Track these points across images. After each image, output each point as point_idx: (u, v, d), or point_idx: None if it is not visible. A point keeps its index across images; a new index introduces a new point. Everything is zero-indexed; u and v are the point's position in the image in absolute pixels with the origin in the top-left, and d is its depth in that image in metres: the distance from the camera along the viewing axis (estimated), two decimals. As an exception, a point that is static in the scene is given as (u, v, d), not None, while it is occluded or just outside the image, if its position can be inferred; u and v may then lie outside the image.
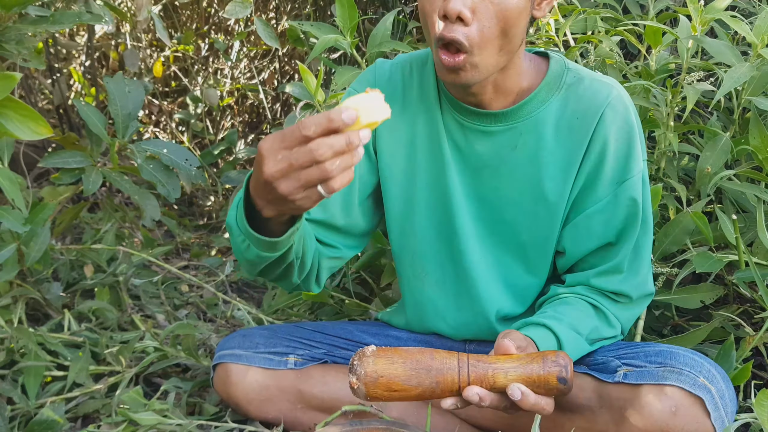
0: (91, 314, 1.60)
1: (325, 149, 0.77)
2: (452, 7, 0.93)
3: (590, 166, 1.06)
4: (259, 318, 1.56)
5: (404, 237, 1.18)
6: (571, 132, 1.06)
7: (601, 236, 1.09)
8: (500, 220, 1.12)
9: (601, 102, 1.05)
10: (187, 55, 3.25)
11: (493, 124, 1.08)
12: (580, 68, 1.09)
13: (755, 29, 1.35)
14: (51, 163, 1.52)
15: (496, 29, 0.96)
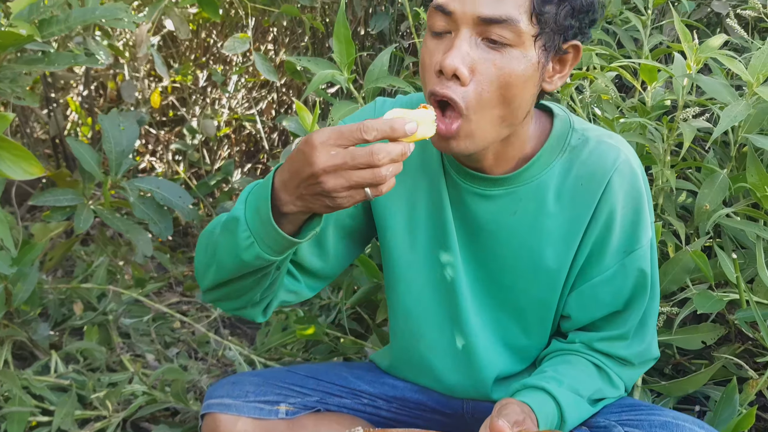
0: (79, 355, 1.57)
1: (383, 155, 0.78)
2: (449, 62, 0.86)
3: (596, 235, 1.01)
4: (251, 359, 1.53)
5: (400, 295, 1.13)
6: (574, 198, 1.00)
7: (608, 305, 1.05)
8: (498, 284, 1.07)
9: (608, 167, 0.99)
10: (185, 85, 3.25)
11: (492, 188, 1.02)
12: (585, 127, 1.03)
13: (750, 68, 1.34)
14: (42, 201, 1.50)
15: (496, 95, 0.89)
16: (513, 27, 0.86)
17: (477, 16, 0.87)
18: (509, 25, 0.86)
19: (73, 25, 1.22)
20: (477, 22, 0.87)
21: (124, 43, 3.07)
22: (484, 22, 0.87)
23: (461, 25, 0.88)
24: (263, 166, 3.22)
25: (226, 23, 3.12)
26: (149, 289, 1.72)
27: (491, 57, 0.88)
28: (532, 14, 0.87)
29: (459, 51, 0.87)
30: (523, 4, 0.87)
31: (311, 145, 0.80)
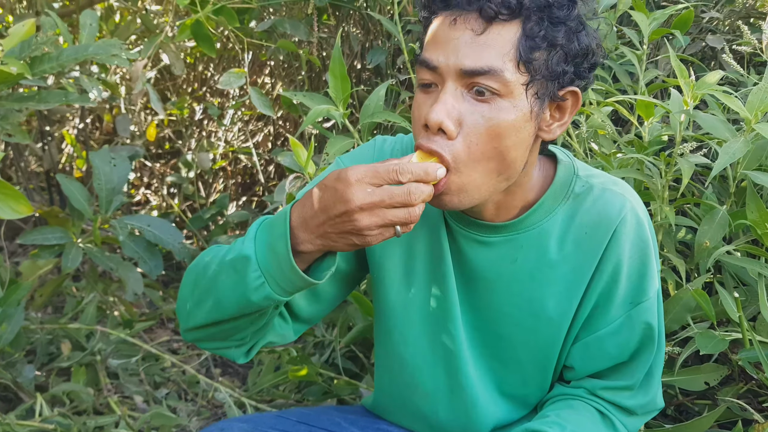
0: (65, 397, 1.53)
1: (418, 194, 0.80)
2: (434, 117, 0.83)
3: (603, 287, 0.97)
4: (242, 401, 1.49)
5: (395, 344, 1.09)
6: (578, 247, 0.96)
7: (614, 357, 1.01)
8: (496, 334, 1.03)
9: (613, 217, 0.95)
10: (182, 118, 3.25)
11: (492, 234, 0.98)
12: (590, 173, 0.99)
13: (748, 105, 1.33)
14: (30, 239, 1.48)
15: (488, 148, 0.85)
16: (498, 77, 0.83)
17: (460, 69, 0.84)
18: (494, 76, 0.83)
19: (65, 62, 1.21)
20: (461, 74, 0.84)
21: (120, 76, 3.08)
22: (467, 74, 0.84)
23: (446, 78, 0.85)
24: (258, 199, 3.20)
25: (224, 56, 3.13)
26: (138, 329, 1.68)
27: (479, 109, 0.85)
28: (519, 62, 0.83)
29: (444, 104, 0.84)
30: (509, 53, 0.83)
31: (346, 182, 0.79)
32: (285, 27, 2.16)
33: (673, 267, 1.50)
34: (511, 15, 0.83)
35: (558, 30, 0.84)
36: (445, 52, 0.85)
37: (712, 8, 2.33)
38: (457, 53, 0.84)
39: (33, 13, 2.65)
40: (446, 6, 0.86)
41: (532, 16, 0.83)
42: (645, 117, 1.53)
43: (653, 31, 1.72)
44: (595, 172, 1.00)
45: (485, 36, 0.83)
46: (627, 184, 1.01)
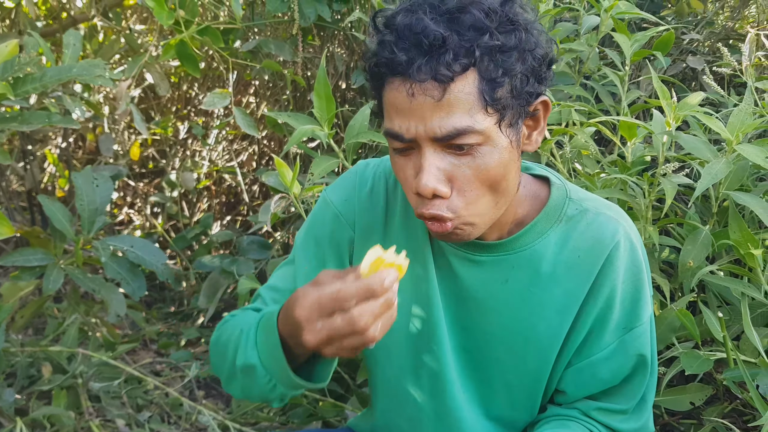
0: (46, 421, 1.50)
1: (366, 317, 0.76)
2: (424, 187, 0.83)
3: (597, 312, 0.96)
4: (225, 424, 1.47)
5: (379, 363, 1.08)
6: (570, 270, 0.95)
7: (606, 382, 1.00)
8: (485, 355, 1.02)
9: (607, 241, 0.94)
10: (166, 137, 3.24)
11: (483, 253, 0.97)
12: (583, 197, 0.98)
13: (729, 126, 1.35)
14: (11, 261, 1.46)
15: (482, 189, 0.86)
16: (472, 133, 0.82)
17: (432, 137, 0.83)
18: (467, 134, 0.82)
19: (48, 83, 1.20)
20: (435, 140, 0.83)
21: (104, 95, 3.06)
22: (441, 139, 0.83)
23: (422, 143, 0.84)
24: (243, 219, 3.18)
25: (208, 76, 3.13)
26: (121, 351, 1.66)
27: (463, 162, 0.84)
28: (486, 107, 0.82)
29: (430, 172, 0.83)
30: (474, 105, 0.82)
31: (297, 321, 0.79)
32: (270, 47, 2.17)
33: (657, 287, 1.50)
34: (465, 69, 0.81)
35: (512, 58, 0.82)
36: (413, 122, 0.83)
37: (692, 30, 2.37)
38: (425, 122, 0.82)
39: (16, 32, 2.63)
40: (398, 74, 0.82)
41: (485, 59, 0.81)
42: (628, 137, 1.55)
43: (635, 52, 1.74)
44: (587, 195, 1.00)
45: (446, 98, 0.81)
46: (620, 208, 1.01)
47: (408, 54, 0.79)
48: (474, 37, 0.79)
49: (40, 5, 2.91)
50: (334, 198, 1.05)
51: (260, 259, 2.25)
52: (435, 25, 0.79)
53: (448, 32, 0.79)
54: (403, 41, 0.80)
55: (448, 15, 0.80)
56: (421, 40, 0.78)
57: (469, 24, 0.79)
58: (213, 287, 2.17)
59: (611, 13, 1.77)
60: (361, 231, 1.02)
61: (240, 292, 1.80)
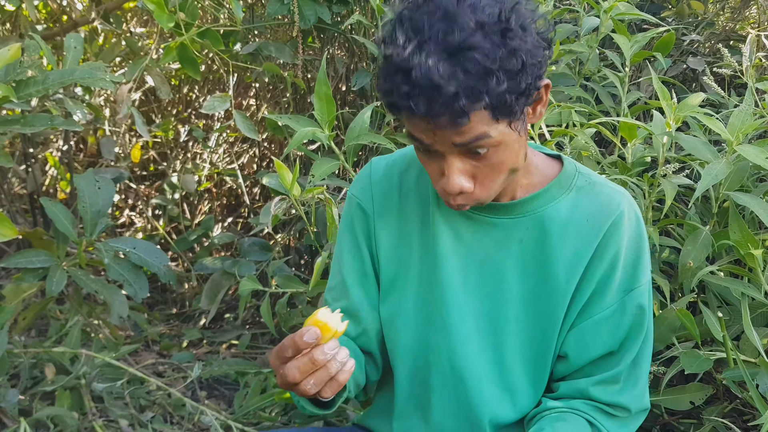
0: (49, 421, 1.50)
1: (293, 372, 0.85)
2: (452, 189, 0.93)
3: (601, 273, 1.03)
4: (228, 424, 1.48)
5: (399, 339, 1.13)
6: (578, 232, 1.03)
7: (606, 344, 1.05)
8: (501, 318, 1.07)
9: (613, 208, 1.03)
10: (167, 139, 3.24)
11: (500, 215, 1.05)
12: (591, 173, 1.08)
13: (729, 127, 1.35)
14: (14, 263, 1.46)
15: (500, 175, 0.96)
16: (488, 139, 0.90)
17: (452, 144, 0.90)
18: (484, 140, 0.90)
19: (50, 86, 1.21)
20: (455, 147, 0.91)
21: (104, 98, 3.07)
22: (461, 145, 0.90)
23: (443, 151, 0.92)
24: (244, 221, 3.19)
25: (209, 78, 3.13)
26: (123, 352, 1.67)
27: (482, 162, 0.93)
28: (498, 119, 0.88)
29: (454, 176, 0.93)
30: (488, 122, 0.88)
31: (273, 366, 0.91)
32: (270, 50, 2.17)
33: (657, 287, 1.51)
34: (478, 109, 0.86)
35: (517, 79, 0.87)
36: (432, 140, 0.91)
37: (692, 31, 2.38)
38: (445, 140, 0.90)
39: (17, 35, 2.64)
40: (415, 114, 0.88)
41: (494, 99, 0.86)
42: (628, 138, 1.55)
43: (635, 53, 1.75)
44: (595, 173, 1.09)
45: (464, 128, 0.88)
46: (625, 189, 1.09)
47: (426, 106, 0.85)
48: (481, 80, 0.84)
49: (41, 8, 2.92)
50: (354, 190, 1.14)
51: (261, 261, 2.25)
52: (444, 70, 0.84)
53: (458, 76, 0.84)
54: (419, 93, 0.85)
55: (455, 54, 0.84)
56: (437, 96, 0.84)
57: (474, 65, 0.84)
58: (214, 289, 2.18)
59: (611, 14, 1.77)
60: (379, 212, 1.11)
61: (241, 293, 1.81)
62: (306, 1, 2.07)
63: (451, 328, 1.07)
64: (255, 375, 1.88)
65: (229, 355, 2.27)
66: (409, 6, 0.88)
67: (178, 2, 1.87)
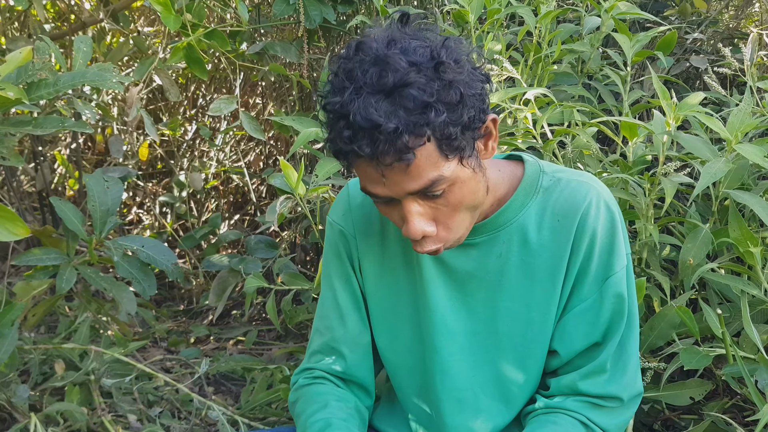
0: (59, 417, 1.54)
1: None
2: (414, 234, 0.93)
3: (579, 266, 1.04)
4: (235, 419, 1.51)
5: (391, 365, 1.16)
6: (553, 234, 1.04)
7: (588, 335, 1.06)
8: (494, 333, 1.08)
9: (580, 201, 1.03)
10: (174, 138, 3.27)
11: (474, 236, 1.06)
12: (555, 169, 1.08)
13: (729, 126, 1.36)
14: (25, 261, 1.49)
15: (462, 214, 0.96)
16: (441, 181, 0.91)
17: (407, 192, 0.91)
18: (438, 183, 0.91)
19: (61, 89, 1.23)
20: (410, 194, 0.92)
21: (113, 97, 3.10)
22: (416, 193, 0.91)
23: (401, 198, 0.93)
24: (251, 218, 3.21)
25: (215, 77, 3.16)
26: (132, 349, 1.69)
27: (440, 203, 0.94)
28: (447, 156, 0.90)
29: (415, 221, 0.93)
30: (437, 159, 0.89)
31: None
32: (276, 49, 2.19)
33: (657, 284, 1.53)
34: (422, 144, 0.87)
35: (458, 112, 0.88)
36: (385, 188, 0.91)
37: (696, 29, 2.39)
38: (399, 186, 0.90)
39: (26, 35, 2.67)
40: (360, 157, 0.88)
41: (436, 131, 0.87)
42: (629, 137, 1.56)
43: (636, 52, 1.76)
44: (560, 168, 1.08)
45: (413, 166, 0.88)
46: (592, 175, 1.09)
47: (369, 146, 0.86)
48: (421, 114, 0.86)
49: (49, 8, 2.95)
50: (334, 217, 1.15)
51: (268, 258, 2.28)
52: (383, 110, 0.85)
53: (397, 114, 0.85)
54: (361, 135, 0.86)
55: (391, 93, 0.86)
56: (378, 135, 0.85)
57: (412, 101, 0.85)
58: (221, 286, 2.20)
59: (612, 13, 1.78)
60: (361, 237, 1.12)
61: (247, 290, 1.83)
62: (311, 2, 2.09)
63: (442, 350, 1.09)
64: (261, 371, 1.91)
65: (235, 351, 2.30)
66: (343, 60, 0.90)
67: (185, 3, 1.89)
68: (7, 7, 2.63)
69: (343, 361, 1.14)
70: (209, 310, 2.65)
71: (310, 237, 2.40)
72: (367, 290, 1.13)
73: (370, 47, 0.88)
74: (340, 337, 1.13)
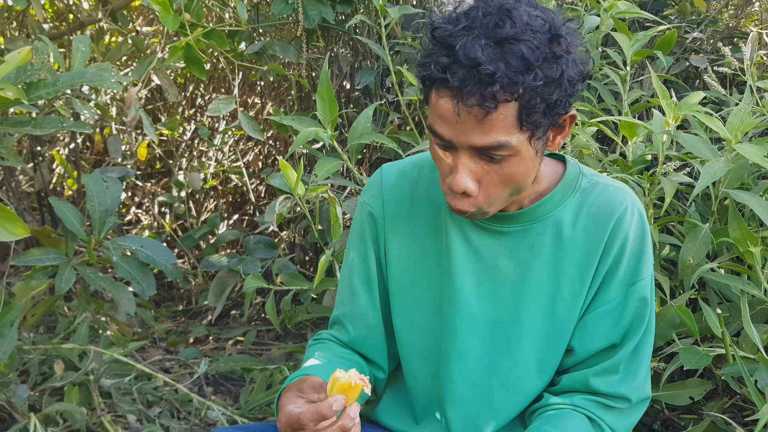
0: (59, 417, 1.53)
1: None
2: (457, 186, 0.95)
3: (606, 268, 1.06)
4: (234, 419, 1.50)
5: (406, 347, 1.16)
6: (587, 234, 1.06)
7: (608, 336, 1.07)
8: (517, 322, 1.09)
9: (616, 206, 1.06)
10: (173, 137, 3.27)
11: (509, 224, 1.07)
12: (594, 173, 1.10)
13: (728, 125, 1.37)
14: (24, 261, 1.49)
15: (506, 189, 0.98)
16: (506, 147, 0.92)
17: (470, 146, 0.92)
18: (502, 148, 0.92)
19: (61, 89, 1.23)
20: (472, 149, 0.93)
21: (111, 96, 3.10)
22: (478, 149, 0.92)
23: (459, 149, 0.94)
24: (249, 218, 3.21)
25: (214, 77, 3.15)
26: (131, 349, 1.69)
27: (493, 168, 0.95)
28: (522, 126, 0.91)
29: (463, 174, 0.95)
30: (512, 125, 0.90)
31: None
32: (275, 49, 2.19)
33: (657, 284, 1.53)
34: (508, 101, 0.88)
35: (551, 88, 0.90)
36: (454, 131, 0.92)
37: (695, 29, 2.38)
38: (466, 134, 0.92)
39: (24, 34, 2.67)
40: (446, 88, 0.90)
41: (527, 94, 0.88)
42: (629, 137, 1.56)
43: (636, 52, 1.76)
44: (598, 173, 1.11)
45: (488, 119, 0.89)
46: (626, 185, 1.11)
47: (461, 80, 0.87)
48: (520, 72, 0.87)
49: (47, 7, 2.95)
50: (365, 197, 1.16)
51: (267, 259, 2.28)
52: (488, 54, 0.86)
53: (499, 63, 0.86)
54: (457, 65, 0.87)
55: (502, 43, 0.87)
56: (474, 70, 0.86)
57: (518, 57, 0.87)
58: (221, 286, 2.20)
59: (611, 12, 1.78)
60: (391, 219, 1.13)
61: (246, 291, 1.83)
62: (310, 1, 2.09)
63: (462, 334, 1.09)
64: (261, 371, 1.91)
65: (235, 352, 2.30)
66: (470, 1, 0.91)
67: (184, 3, 1.89)
68: (6, 6, 2.63)
69: (346, 335, 1.17)
70: (208, 310, 2.65)
71: (309, 237, 2.40)
72: (391, 271, 1.14)
73: (498, 2, 0.89)
74: (348, 313, 1.16)
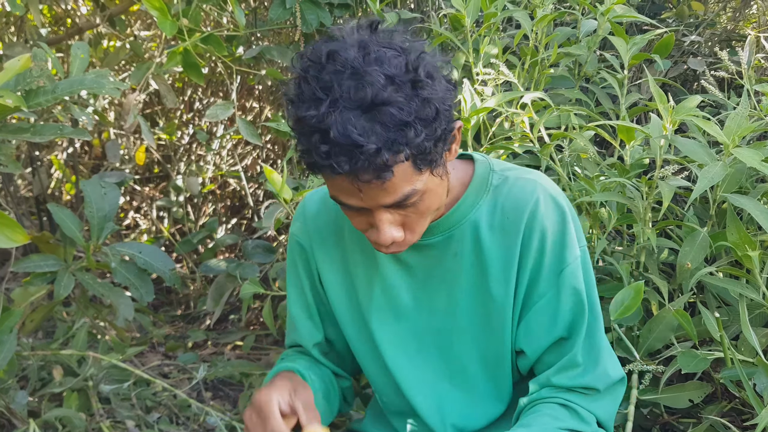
0: (58, 422, 1.53)
1: None
2: (384, 240, 0.95)
3: (531, 262, 1.05)
4: (233, 425, 1.50)
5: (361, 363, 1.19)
6: (504, 231, 1.06)
7: (550, 330, 1.07)
8: (456, 328, 1.10)
9: (527, 199, 1.05)
10: (171, 142, 3.27)
11: (430, 236, 1.08)
12: (505, 167, 1.09)
13: (726, 130, 1.37)
14: (23, 267, 1.49)
15: (428, 219, 0.99)
16: (414, 194, 0.92)
17: (381, 205, 0.92)
18: (411, 195, 0.92)
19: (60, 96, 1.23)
20: (383, 206, 0.93)
21: (109, 101, 3.10)
22: (389, 206, 0.93)
23: (373, 209, 0.94)
24: (248, 222, 3.21)
25: (212, 81, 3.16)
26: (129, 354, 1.69)
27: (410, 211, 0.96)
28: (420, 170, 0.90)
29: (385, 228, 0.95)
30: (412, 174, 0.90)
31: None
32: (272, 54, 2.19)
33: (656, 287, 1.53)
34: (400, 162, 0.87)
35: (433, 127, 0.89)
36: (360, 199, 0.91)
37: (693, 32, 2.39)
38: (373, 199, 0.91)
39: (22, 40, 2.67)
40: (337, 174, 0.87)
41: (414, 149, 0.87)
42: (626, 141, 1.57)
43: (633, 55, 1.76)
44: (510, 166, 1.10)
45: (389, 183, 0.89)
46: (540, 172, 1.11)
47: (348, 163, 0.84)
48: (400, 134, 0.85)
49: (46, 12, 2.95)
50: (293, 228, 1.18)
51: (265, 263, 2.28)
52: (361, 127, 0.84)
53: (376, 133, 0.84)
54: (338, 148, 0.84)
55: (370, 110, 0.84)
56: (358, 153, 0.84)
57: (392, 122, 0.85)
58: (219, 290, 2.20)
59: (608, 16, 1.79)
60: (318, 246, 1.15)
61: (243, 296, 1.83)
62: (308, 6, 2.09)
63: (408, 347, 1.12)
64: (259, 376, 1.91)
65: (233, 356, 2.30)
66: (313, 66, 0.87)
67: (182, 8, 1.89)
68: (4, 12, 2.63)
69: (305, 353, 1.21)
70: (207, 314, 2.65)
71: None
72: (329, 295, 1.16)
73: (345, 57, 0.86)
74: (298, 339, 1.21)
